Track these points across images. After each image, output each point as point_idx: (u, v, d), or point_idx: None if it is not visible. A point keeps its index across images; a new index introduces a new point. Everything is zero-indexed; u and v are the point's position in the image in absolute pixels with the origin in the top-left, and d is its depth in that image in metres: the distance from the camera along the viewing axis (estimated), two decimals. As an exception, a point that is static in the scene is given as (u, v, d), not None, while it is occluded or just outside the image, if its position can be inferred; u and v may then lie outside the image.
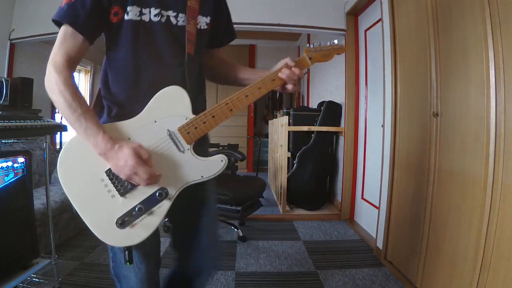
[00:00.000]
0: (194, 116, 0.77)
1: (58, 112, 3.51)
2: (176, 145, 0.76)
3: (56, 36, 0.74)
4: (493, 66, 1.11)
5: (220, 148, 4.13)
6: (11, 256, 1.37)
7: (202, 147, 0.84)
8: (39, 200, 1.91)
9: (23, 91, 2.74)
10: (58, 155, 0.72)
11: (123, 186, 0.72)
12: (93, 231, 0.71)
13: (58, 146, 3.58)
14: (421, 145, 1.59)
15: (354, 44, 2.84)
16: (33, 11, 2.88)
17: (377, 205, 2.16)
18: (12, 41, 2.94)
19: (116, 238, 0.72)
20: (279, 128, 3.28)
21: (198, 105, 0.80)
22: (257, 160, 4.28)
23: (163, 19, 0.78)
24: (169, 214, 0.78)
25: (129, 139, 0.74)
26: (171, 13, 0.79)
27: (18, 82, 2.70)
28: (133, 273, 0.82)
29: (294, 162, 3.14)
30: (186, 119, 0.77)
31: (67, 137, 4.13)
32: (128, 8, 0.75)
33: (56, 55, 0.71)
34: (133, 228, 0.72)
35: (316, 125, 3.08)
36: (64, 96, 0.68)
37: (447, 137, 1.39)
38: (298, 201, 3.11)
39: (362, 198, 2.73)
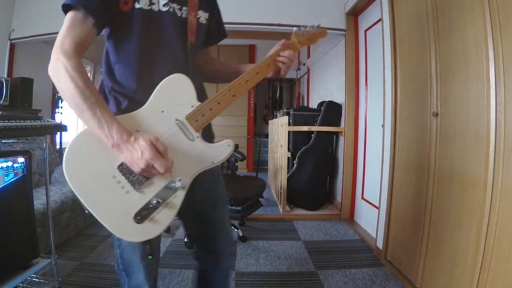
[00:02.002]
0: (200, 103, 0.77)
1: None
2: (185, 134, 0.76)
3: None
4: (493, 66, 1.11)
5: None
6: (11, 256, 1.37)
7: (209, 133, 0.87)
8: (39, 200, 1.91)
9: (23, 91, 2.74)
10: (63, 155, 0.68)
11: (137, 180, 0.71)
12: (110, 230, 0.69)
13: (58, 146, 3.58)
14: (421, 145, 1.59)
15: (354, 44, 2.84)
16: (33, 11, 2.89)
17: (377, 205, 2.16)
18: (12, 41, 2.94)
19: (136, 233, 0.70)
20: (279, 128, 3.28)
21: (200, 92, 0.81)
22: (257, 160, 4.28)
23: (171, 10, 0.81)
24: (186, 209, 0.82)
25: (137, 131, 0.72)
26: (175, 6, 0.82)
27: (18, 82, 2.70)
28: (143, 267, 0.82)
29: (294, 162, 3.14)
30: (192, 106, 0.77)
31: (67, 137, 4.13)
32: None
33: (64, 41, 0.68)
34: (151, 222, 0.71)
35: (316, 125, 3.08)
36: (75, 82, 0.65)
37: (447, 137, 1.39)
38: (298, 201, 3.11)
39: (362, 198, 2.73)
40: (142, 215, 0.70)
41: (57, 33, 0.73)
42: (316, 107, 3.50)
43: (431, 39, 1.49)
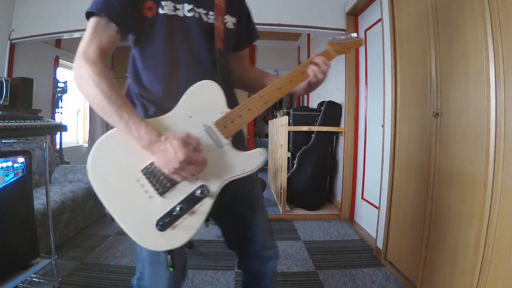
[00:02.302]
0: (229, 109, 0.75)
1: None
2: (214, 140, 0.73)
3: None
4: (493, 66, 1.10)
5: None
6: (11, 256, 1.37)
7: (240, 141, 0.84)
8: (39, 200, 1.91)
9: (23, 91, 2.74)
10: (89, 153, 0.68)
11: (161, 185, 0.68)
12: (130, 236, 0.67)
13: (58, 146, 3.58)
14: (421, 145, 1.59)
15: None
16: (33, 11, 2.89)
17: (377, 205, 2.16)
18: (12, 41, 2.94)
19: (156, 242, 0.67)
20: (279, 128, 3.28)
21: (230, 100, 0.79)
22: (257, 160, 4.29)
23: (196, 15, 0.79)
24: (221, 213, 0.84)
25: None
26: (202, 11, 0.80)
27: (18, 82, 2.70)
28: (165, 281, 0.78)
29: (294, 162, 3.14)
30: (221, 113, 0.74)
31: (67, 137, 4.14)
32: (163, 3, 0.75)
33: (88, 48, 0.69)
34: (174, 230, 0.67)
35: (316, 125, 3.08)
36: (100, 87, 0.65)
37: (447, 137, 1.39)
38: (298, 201, 3.11)
39: (362, 198, 2.73)
40: (165, 222, 0.67)
41: (57, 33, 0.73)
42: (316, 107, 3.50)
43: (431, 39, 1.49)
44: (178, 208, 0.68)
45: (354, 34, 0.92)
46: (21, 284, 1.44)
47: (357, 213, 2.84)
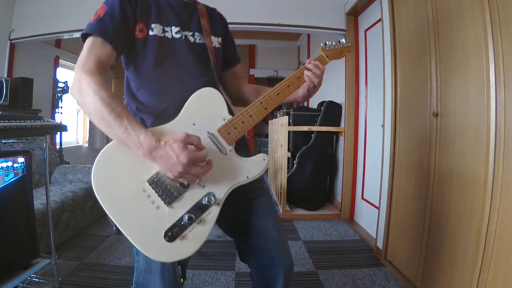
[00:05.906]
0: (231, 116, 0.77)
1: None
2: (218, 147, 0.74)
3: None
4: (493, 66, 1.11)
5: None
6: (11, 256, 1.37)
7: (243, 147, 0.85)
8: (39, 200, 1.91)
9: (23, 91, 2.74)
10: (93, 164, 0.67)
11: (168, 195, 0.68)
12: (140, 249, 0.65)
13: (58, 146, 3.58)
14: (421, 145, 1.59)
15: (354, 44, 2.83)
16: (33, 11, 2.89)
17: (377, 205, 2.16)
18: (12, 41, 2.94)
19: (166, 253, 0.66)
20: (279, 128, 3.28)
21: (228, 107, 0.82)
22: (257, 160, 4.28)
23: (183, 37, 0.85)
24: (229, 223, 0.86)
25: None
26: (188, 33, 0.86)
27: (18, 82, 2.71)
28: (160, 285, 0.77)
29: (294, 162, 3.14)
30: (224, 119, 0.77)
31: (67, 137, 4.14)
32: (153, 25, 0.81)
33: (86, 61, 0.71)
34: (184, 240, 0.67)
35: (316, 125, 3.08)
36: (100, 95, 0.66)
37: (447, 137, 1.39)
38: (298, 201, 3.11)
39: (362, 198, 2.73)
40: (174, 232, 0.66)
41: (56, 33, 0.75)
42: (316, 107, 3.50)
43: (431, 39, 1.49)
44: (186, 217, 0.67)
45: (343, 40, 0.96)
46: (21, 284, 1.44)
47: (357, 213, 2.84)
